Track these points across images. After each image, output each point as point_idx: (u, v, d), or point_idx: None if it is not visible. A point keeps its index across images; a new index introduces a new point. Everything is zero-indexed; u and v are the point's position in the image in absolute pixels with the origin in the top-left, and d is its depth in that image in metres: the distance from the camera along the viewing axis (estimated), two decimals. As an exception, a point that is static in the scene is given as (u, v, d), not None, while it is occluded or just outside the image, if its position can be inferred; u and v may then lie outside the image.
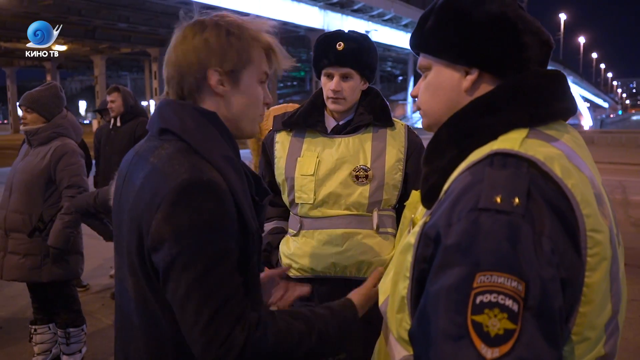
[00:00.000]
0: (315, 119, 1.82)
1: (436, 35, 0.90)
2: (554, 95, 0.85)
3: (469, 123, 0.85)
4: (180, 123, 1.05)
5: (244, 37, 1.08)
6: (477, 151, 0.81)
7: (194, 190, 0.95)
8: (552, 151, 0.78)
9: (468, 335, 0.67)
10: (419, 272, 0.80)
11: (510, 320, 0.65)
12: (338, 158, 1.75)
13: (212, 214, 0.95)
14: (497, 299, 0.66)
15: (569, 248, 0.71)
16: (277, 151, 1.86)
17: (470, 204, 0.72)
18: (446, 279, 0.71)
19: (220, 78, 1.07)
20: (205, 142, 1.03)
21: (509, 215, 0.69)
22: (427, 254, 0.77)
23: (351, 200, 1.73)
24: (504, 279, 0.67)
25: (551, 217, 0.71)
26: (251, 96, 1.11)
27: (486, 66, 0.87)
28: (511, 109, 0.83)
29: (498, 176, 0.73)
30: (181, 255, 0.95)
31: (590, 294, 0.73)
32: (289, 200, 1.83)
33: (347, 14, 28.75)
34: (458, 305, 0.68)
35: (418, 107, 0.98)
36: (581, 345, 0.75)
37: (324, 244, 1.75)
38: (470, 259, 0.69)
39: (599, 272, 0.74)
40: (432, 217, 0.80)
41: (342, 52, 1.71)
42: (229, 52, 1.06)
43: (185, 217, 0.94)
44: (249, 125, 1.14)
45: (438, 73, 0.91)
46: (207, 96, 1.09)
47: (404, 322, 0.84)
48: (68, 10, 22.97)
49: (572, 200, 0.72)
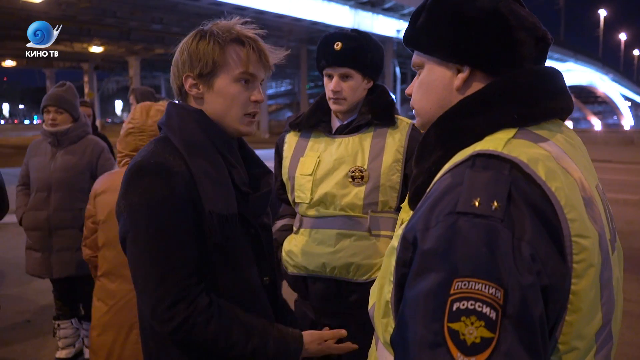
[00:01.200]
0: (320, 120, 1.81)
1: (428, 32, 0.88)
2: (545, 94, 0.82)
3: (455, 123, 0.83)
4: (167, 119, 1.22)
5: (212, 41, 1.17)
6: (461, 152, 0.79)
7: (142, 171, 1.11)
8: (538, 152, 0.75)
9: (445, 343, 0.64)
10: (400, 276, 0.77)
11: (487, 329, 0.63)
12: (336, 158, 1.74)
13: (157, 193, 1.09)
14: (474, 306, 0.63)
15: (553, 254, 0.68)
16: (285, 151, 1.88)
17: (448, 207, 0.70)
18: (423, 284, 0.68)
19: (193, 82, 1.20)
20: (180, 134, 1.16)
21: (487, 220, 0.66)
22: (406, 257, 0.75)
23: (346, 201, 1.70)
24: (481, 286, 0.64)
25: (533, 222, 0.68)
26: (227, 96, 1.19)
27: (478, 64, 0.84)
28: (499, 108, 0.80)
29: (478, 178, 0.71)
30: (132, 228, 1.11)
31: (577, 302, 0.70)
32: (291, 199, 1.85)
33: (378, 13, 28.55)
34: (435, 312, 0.66)
35: (412, 106, 0.95)
36: (569, 355, 0.72)
37: (318, 243, 1.74)
38: (447, 265, 0.66)
39: (585, 279, 0.70)
40: (411, 220, 0.77)
41: (340, 52, 1.69)
42: (196, 58, 1.17)
43: (135, 194, 1.10)
44: (234, 123, 1.22)
45: (430, 71, 0.89)
46: (190, 97, 1.23)
47: (389, 326, 0.82)
48: (104, 12, 23.57)
49: (555, 204, 0.69)
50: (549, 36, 0.87)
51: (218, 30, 1.18)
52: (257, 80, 1.22)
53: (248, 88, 1.21)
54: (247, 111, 1.22)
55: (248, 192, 1.22)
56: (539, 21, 0.86)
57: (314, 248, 1.74)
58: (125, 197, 1.12)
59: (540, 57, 0.86)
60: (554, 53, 50.01)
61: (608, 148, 21.23)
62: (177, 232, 1.10)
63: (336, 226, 1.72)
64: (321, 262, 1.72)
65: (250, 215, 1.23)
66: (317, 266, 1.73)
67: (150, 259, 1.09)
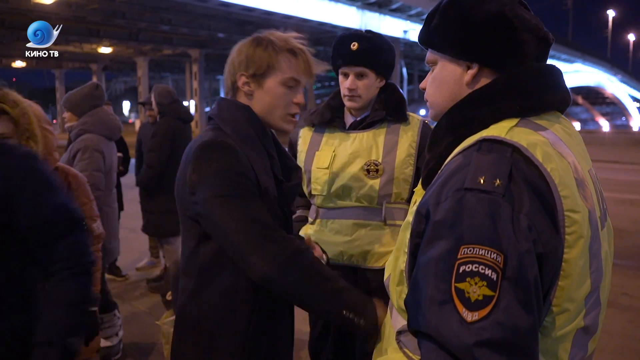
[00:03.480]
0: (334, 116, 1.90)
1: (440, 32, 0.98)
2: (545, 88, 0.93)
3: (464, 113, 0.94)
4: (219, 112, 1.37)
5: (269, 48, 1.33)
6: (470, 138, 0.89)
7: (211, 147, 1.24)
8: (537, 138, 0.85)
9: (452, 300, 0.74)
10: (413, 246, 0.88)
11: (489, 288, 0.73)
12: (352, 152, 1.83)
13: (228, 163, 1.22)
14: (477, 269, 0.74)
15: (548, 226, 0.77)
16: (300, 145, 1.97)
17: (457, 184, 0.80)
18: (434, 251, 0.79)
19: (246, 80, 1.35)
20: (231, 124, 1.32)
21: (490, 195, 0.77)
22: (420, 229, 0.86)
23: (362, 193, 1.80)
24: (484, 251, 0.74)
25: (530, 198, 0.78)
26: (274, 96, 1.35)
27: (486, 61, 0.95)
28: (503, 100, 0.91)
29: (483, 160, 0.81)
30: (212, 195, 1.20)
31: (568, 268, 0.80)
32: (308, 191, 1.94)
33: (385, 14, 28.55)
34: (444, 274, 0.76)
35: (426, 99, 1.06)
36: (561, 316, 0.82)
37: (335, 233, 1.83)
38: (456, 233, 0.77)
39: (576, 249, 0.80)
40: (424, 196, 0.88)
41: (356, 52, 1.77)
42: (252, 60, 1.33)
43: (206, 166, 1.22)
44: (276, 121, 1.38)
45: (443, 67, 1.00)
46: (241, 94, 1.38)
47: (403, 293, 0.93)
48: (113, 13, 23.73)
49: (550, 183, 0.79)
50: (551, 36, 0.97)
51: (275, 39, 1.35)
52: (300, 86, 1.38)
53: (292, 91, 1.36)
54: (290, 111, 1.38)
55: (282, 181, 1.37)
56: (541, 23, 0.96)
57: (331, 237, 1.83)
58: (197, 170, 1.23)
59: (542, 55, 0.97)
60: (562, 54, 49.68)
61: (616, 149, 21.11)
62: (250, 190, 1.23)
63: (352, 216, 1.81)
64: (339, 250, 1.82)
65: (282, 201, 1.36)
66: (334, 254, 1.83)
67: (236, 209, 1.19)
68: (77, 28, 24.70)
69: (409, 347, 0.91)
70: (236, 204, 1.20)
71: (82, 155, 2.96)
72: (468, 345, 0.71)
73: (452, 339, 0.73)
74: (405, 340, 0.92)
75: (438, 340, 0.75)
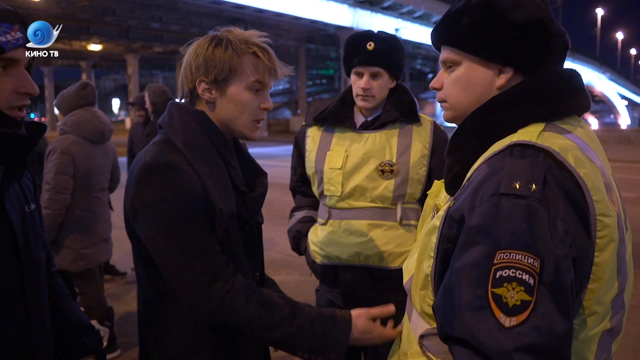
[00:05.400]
0: (344, 115, 1.88)
1: (474, 33, 0.94)
2: (569, 93, 0.93)
3: (490, 117, 0.92)
4: (169, 120, 1.25)
5: (230, 49, 1.21)
6: (498, 143, 0.88)
7: (153, 170, 1.15)
8: (567, 143, 0.85)
9: (488, 306, 0.74)
10: (442, 251, 0.87)
11: (526, 293, 0.73)
12: (365, 153, 1.82)
13: (170, 189, 1.13)
14: (515, 274, 0.74)
15: (581, 230, 0.78)
16: (308, 145, 1.94)
17: (492, 189, 0.80)
18: (469, 256, 0.78)
19: (206, 87, 1.23)
20: (182, 135, 1.21)
21: (526, 200, 0.76)
22: (451, 234, 0.85)
23: (376, 194, 1.80)
24: (521, 256, 0.74)
25: (565, 202, 0.78)
26: (239, 103, 1.24)
27: (520, 66, 0.93)
28: (530, 105, 0.90)
29: (517, 165, 0.80)
30: (152, 225, 1.14)
31: (599, 272, 0.81)
32: (319, 192, 1.91)
33: (377, 12, 28.59)
34: (480, 280, 0.76)
35: (442, 100, 1.02)
36: (590, 318, 0.83)
37: (350, 233, 1.82)
38: (492, 239, 0.76)
39: (607, 252, 0.81)
40: (456, 202, 0.87)
41: (373, 52, 1.77)
42: (212, 64, 1.21)
43: (148, 193, 1.14)
44: (242, 129, 1.27)
45: (470, 69, 0.96)
46: (201, 101, 1.27)
47: (427, 297, 0.92)
48: (103, 10, 23.56)
49: (583, 187, 0.79)
50: (570, 42, 0.98)
51: (235, 39, 1.23)
52: (266, 89, 1.28)
53: (258, 96, 1.26)
54: (256, 117, 1.27)
55: (245, 192, 1.29)
56: (564, 29, 0.97)
57: (346, 238, 1.82)
58: (138, 197, 1.15)
59: (562, 60, 0.98)
60: (552, 52, 49.91)
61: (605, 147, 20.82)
62: (195, 223, 1.14)
63: (367, 217, 1.81)
64: (354, 251, 1.81)
65: (246, 214, 1.28)
66: (350, 255, 1.82)
67: (177, 248, 1.13)
68: (66, 25, 24.47)
69: (432, 351, 0.91)
70: (175, 243, 1.13)
71: (51, 157, 2.91)
72: (507, 351, 0.71)
73: (490, 345, 0.72)
74: (428, 345, 0.92)
75: (474, 345, 0.74)
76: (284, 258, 5.26)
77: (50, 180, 2.87)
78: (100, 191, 3.16)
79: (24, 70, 1.06)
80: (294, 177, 2.07)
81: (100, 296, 3.19)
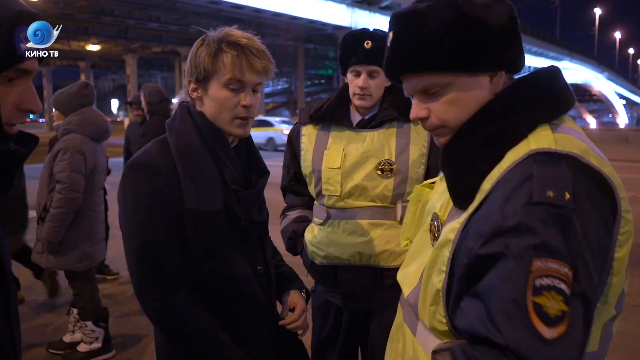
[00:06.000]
0: (341, 113, 1.87)
1: (461, 51, 0.89)
2: (561, 90, 0.92)
3: (498, 125, 0.89)
4: (172, 120, 1.33)
5: (208, 49, 1.25)
6: (513, 151, 0.86)
7: (133, 168, 1.24)
8: (582, 144, 0.84)
9: (528, 316, 0.72)
10: (459, 266, 0.85)
11: (564, 303, 0.72)
12: (364, 152, 1.81)
13: (143, 188, 1.22)
14: (554, 283, 0.73)
15: (606, 234, 0.79)
16: (304, 144, 1.92)
17: (523, 198, 0.78)
18: (504, 266, 0.77)
19: (194, 86, 1.30)
20: (175, 135, 1.28)
21: (562, 209, 0.76)
22: (470, 248, 0.82)
23: (376, 193, 1.79)
24: (557, 265, 0.74)
25: (595, 210, 0.78)
26: (217, 101, 1.27)
27: (508, 67, 0.93)
28: (532, 107, 0.89)
29: (546, 173, 0.79)
30: (122, 216, 1.24)
31: (619, 266, 0.82)
32: (316, 192, 1.89)
33: (375, 11, 28.60)
34: (518, 288, 0.74)
35: (438, 126, 0.95)
36: (605, 311, 0.84)
37: (350, 233, 1.81)
38: (528, 247, 0.75)
39: (626, 247, 0.82)
40: (474, 217, 0.85)
41: (370, 51, 1.75)
42: (194, 64, 1.27)
43: (126, 188, 1.23)
44: (224, 126, 1.30)
45: (464, 87, 0.92)
46: (195, 101, 1.33)
47: (437, 314, 0.90)
48: (101, 11, 23.55)
49: (613, 186, 0.80)
50: None
51: (212, 38, 1.25)
52: (246, 86, 1.26)
53: (237, 93, 1.26)
54: (237, 115, 1.27)
55: (238, 190, 1.31)
56: None
57: (346, 238, 1.81)
58: (119, 191, 1.25)
59: None
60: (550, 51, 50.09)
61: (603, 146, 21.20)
62: (159, 224, 1.21)
63: (367, 216, 1.80)
64: (356, 251, 1.81)
65: (238, 211, 1.30)
66: (351, 255, 1.81)
67: (135, 245, 1.22)
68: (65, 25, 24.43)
69: None
70: (133, 242, 1.22)
71: (62, 156, 2.92)
72: None
73: (535, 357, 0.72)
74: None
75: (516, 354, 0.73)
76: (282, 258, 5.28)
77: (65, 179, 2.88)
78: (100, 189, 3.21)
79: (30, 83, 0.94)
80: (287, 176, 2.04)
81: (96, 297, 3.19)
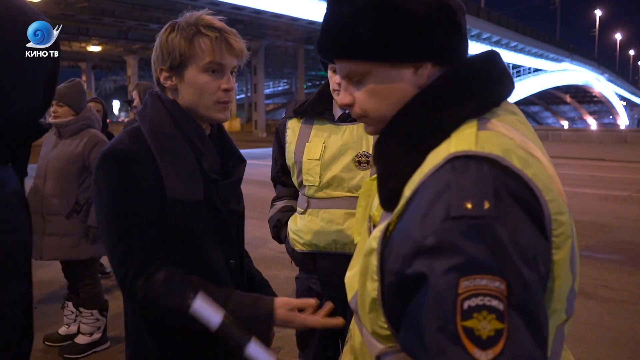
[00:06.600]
0: (323, 107, 1.94)
1: (378, 39, 0.82)
2: (496, 79, 0.86)
3: (420, 121, 0.83)
4: (142, 109, 1.29)
5: (179, 34, 1.21)
6: (434, 153, 0.79)
7: (108, 158, 1.20)
8: (507, 142, 0.77)
9: (460, 342, 0.66)
10: (389, 284, 0.79)
11: (498, 320, 0.66)
12: (342, 144, 1.88)
13: (119, 177, 1.18)
14: (483, 301, 0.66)
15: (539, 237, 0.73)
16: (288, 136, 2.00)
17: (441, 213, 0.71)
18: (430, 290, 0.70)
19: (167, 75, 1.25)
20: (150, 124, 1.23)
21: (482, 220, 0.69)
22: (396, 268, 0.75)
23: (353, 184, 1.86)
24: (486, 281, 0.67)
25: (521, 214, 0.72)
26: (197, 87, 1.24)
27: (437, 57, 0.85)
28: (459, 101, 0.82)
29: (463, 181, 0.72)
30: (98, 208, 1.20)
31: (558, 270, 0.76)
32: (298, 182, 1.98)
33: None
34: (446, 314, 0.68)
35: (361, 115, 0.90)
36: (551, 317, 0.77)
37: (327, 222, 1.89)
38: (451, 267, 0.68)
39: (564, 249, 0.76)
40: (397, 228, 0.79)
41: None
42: (167, 51, 1.22)
43: (101, 178, 1.19)
44: (206, 112, 1.27)
45: (384, 76, 0.85)
46: (167, 89, 1.28)
47: (378, 320, 0.84)
48: (102, 12, 23.61)
49: (535, 190, 0.74)
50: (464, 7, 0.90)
51: (185, 22, 1.22)
52: (226, 69, 1.25)
53: (217, 77, 1.24)
54: (218, 99, 1.25)
55: (216, 180, 1.29)
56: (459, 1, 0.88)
57: (324, 227, 1.89)
58: (94, 181, 1.21)
59: None
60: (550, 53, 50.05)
61: (602, 147, 21.34)
62: (136, 215, 1.17)
63: (344, 206, 1.87)
64: (332, 239, 1.89)
65: (217, 201, 1.28)
66: (327, 243, 1.90)
67: (113, 237, 1.18)
68: (65, 26, 24.51)
69: None
70: (111, 234, 1.18)
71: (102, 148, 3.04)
72: None
73: None
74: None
75: None
76: (275, 255, 5.35)
77: None
78: None
79: None
80: (274, 167, 2.14)
81: (101, 286, 3.28)
